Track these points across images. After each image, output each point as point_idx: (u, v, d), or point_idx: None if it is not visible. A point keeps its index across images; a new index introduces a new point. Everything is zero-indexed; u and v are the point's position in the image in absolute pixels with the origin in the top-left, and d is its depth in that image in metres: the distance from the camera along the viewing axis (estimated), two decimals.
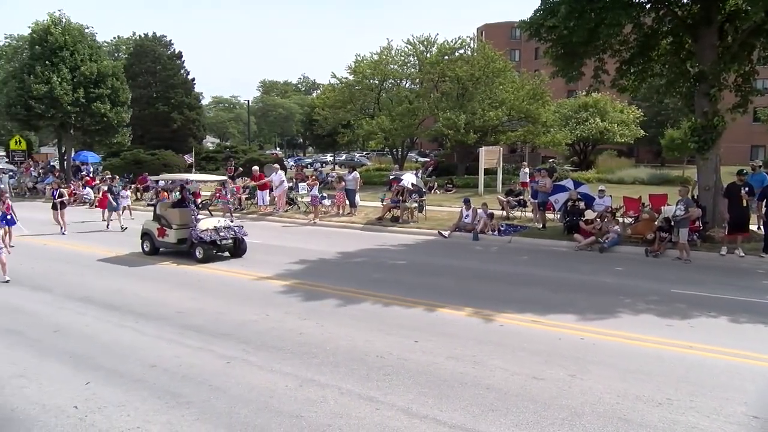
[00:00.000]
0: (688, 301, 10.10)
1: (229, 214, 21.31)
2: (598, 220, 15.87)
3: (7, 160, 51.62)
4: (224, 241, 14.18)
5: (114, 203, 20.41)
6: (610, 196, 17.65)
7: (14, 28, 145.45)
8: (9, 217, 15.44)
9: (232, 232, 14.34)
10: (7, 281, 11.97)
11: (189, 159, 32.80)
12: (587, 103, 43.02)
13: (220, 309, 9.85)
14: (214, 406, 6.22)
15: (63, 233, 18.80)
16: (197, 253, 13.88)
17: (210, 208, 18.67)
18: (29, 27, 33.80)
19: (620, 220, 16.49)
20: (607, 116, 42.31)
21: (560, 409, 6.02)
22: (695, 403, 6.09)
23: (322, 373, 7.02)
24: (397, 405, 6.16)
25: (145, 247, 15.11)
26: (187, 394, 6.52)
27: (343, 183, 21.89)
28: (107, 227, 19.96)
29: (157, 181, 16.65)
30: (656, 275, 12.32)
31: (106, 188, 22.56)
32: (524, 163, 29.41)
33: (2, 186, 18.34)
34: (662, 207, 16.40)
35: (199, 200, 18.35)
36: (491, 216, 17.53)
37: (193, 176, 18.79)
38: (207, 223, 14.26)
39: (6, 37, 48.41)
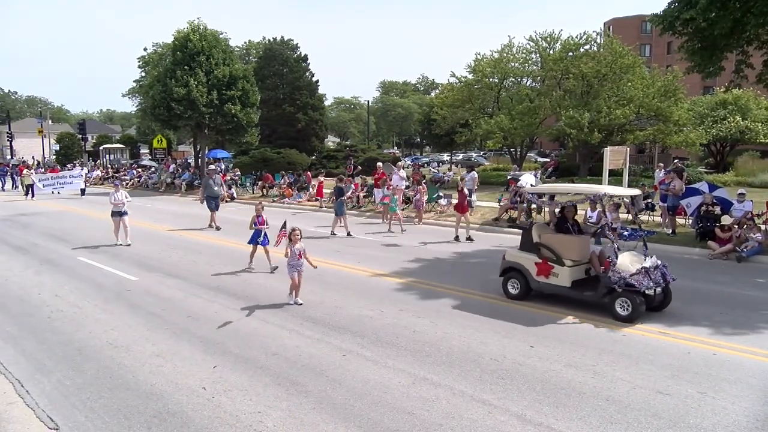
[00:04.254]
0: None
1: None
2: (737, 226, 14.62)
3: (150, 156, 56.55)
4: (658, 290, 9.13)
5: (341, 208, 17.62)
6: (751, 200, 16.21)
7: (160, 37, 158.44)
8: (263, 235, 12.66)
9: (661, 274, 9.16)
10: (300, 304, 10.11)
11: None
12: (726, 100, 39.76)
13: (337, 303, 10.17)
14: (331, 397, 6.43)
15: None
16: (619, 308, 8.88)
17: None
18: (172, 35, 36.60)
19: (763, 227, 15.10)
20: (749, 114, 38.90)
21: (688, 428, 5.64)
22: None
23: (436, 372, 7.04)
24: (510, 410, 6.06)
25: (510, 287, 10.33)
26: (306, 383, 6.80)
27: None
28: (331, 233, 17.71)
29: (536, 195, 10.98)
30: None
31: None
32: (660, 164, 27.74)
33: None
34: None
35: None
36: (614, 227, 16.30)
37: (607, 188, 10.53)
38: (630, 261, 9.23)
39: (153, 45, 52.82)
